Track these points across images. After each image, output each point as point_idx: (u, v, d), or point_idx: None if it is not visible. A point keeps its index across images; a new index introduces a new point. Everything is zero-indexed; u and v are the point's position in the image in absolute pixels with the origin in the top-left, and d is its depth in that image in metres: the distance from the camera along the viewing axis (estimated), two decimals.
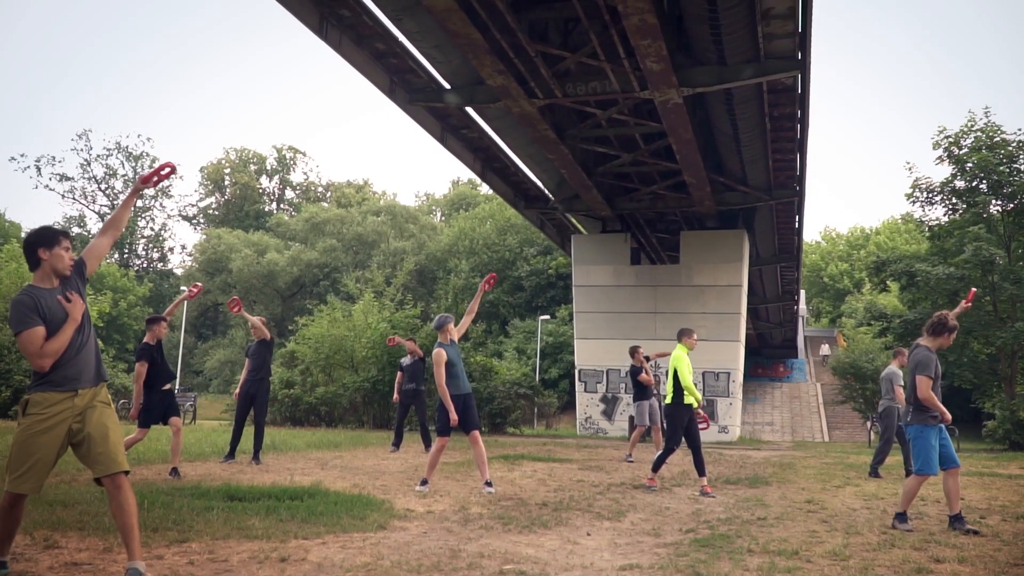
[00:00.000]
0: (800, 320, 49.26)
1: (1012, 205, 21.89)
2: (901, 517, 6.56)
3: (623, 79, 15.56)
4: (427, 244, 54.14)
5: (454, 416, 7.97)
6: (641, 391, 13.35)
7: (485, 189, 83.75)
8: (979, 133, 22.04)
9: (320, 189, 79.35)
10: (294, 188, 79.21)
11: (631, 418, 22.33)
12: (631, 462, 12.59)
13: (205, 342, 52.96)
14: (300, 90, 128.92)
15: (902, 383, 11.20)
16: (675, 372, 8.83)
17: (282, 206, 78.19)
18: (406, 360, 13.76)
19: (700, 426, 9.06)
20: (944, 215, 22.99)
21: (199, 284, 10.23)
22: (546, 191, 24.18)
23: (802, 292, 46.60)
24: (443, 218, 71.91)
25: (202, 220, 75.74)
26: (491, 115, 18.54)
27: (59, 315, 4.01)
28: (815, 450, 19.82)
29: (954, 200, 22.61)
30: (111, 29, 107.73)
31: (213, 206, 76.43)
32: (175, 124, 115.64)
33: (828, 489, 9.55)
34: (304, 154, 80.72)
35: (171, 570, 4.27)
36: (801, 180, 21.40)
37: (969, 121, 22.15)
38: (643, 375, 13.53)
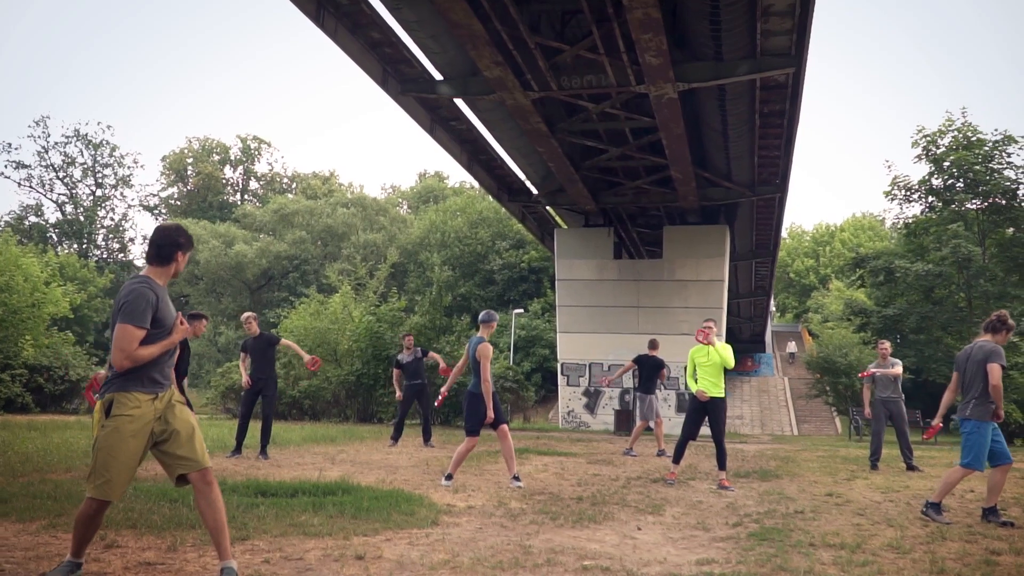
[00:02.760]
0: (769, 315, 49.89)
1: (987, 203, 22.36)
2: (936, 508, 6.63)
3: (620, 73, 15.54)
4: (398, 237, 53.75)
5: (491, 414, 7.97)
6: (650, 384, 13.34)
7: (452, 182, 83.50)
8: (956, 133, 22.46)
9: (285, 180, 78.34)
10: (259, 179, 78.06)
11: (616, 412, 22.47)
12: (634, 456, 12.61)
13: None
14: (265, 80, 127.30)
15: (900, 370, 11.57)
16: (695, 366, 8.91)
17: (246, 197, 77.06)
18: (404, 356, 13.60)
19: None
20: (921, 213, 23.40)
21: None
22: (530, 185, 24.13)
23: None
24: (409, 210, 71.52)
25: (164, 210, 74.34)
26: (482, 107, 18.41)
27: (168, 319, 3.88)
28: (799, 443, 20.07)
29: (931, 198, 23.02)
30: (71, 11, 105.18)
31: (175, 196, 75.04)
32: (136, 112, 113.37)
33: (839, 482, 9.64)
34: (269, 144, 79.35)
35: (253, 570, 4.14)
36: (785, 177, 21.62)
37: (947, 121, 22.59)
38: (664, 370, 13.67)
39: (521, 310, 41.79)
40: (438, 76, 16.89)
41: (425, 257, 50.18)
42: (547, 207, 26.15)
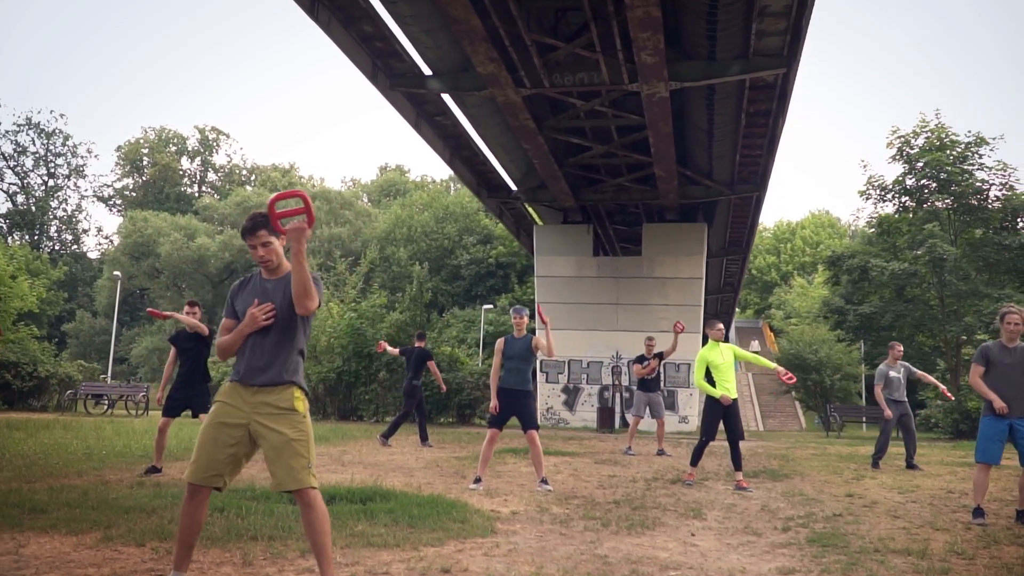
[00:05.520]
0: (734, 312, 50.47)
1: (958, 204, 22.86)
2: (976, 512, 6.70)
3: (614, 71, 15.53)
4: (363, 231, 53.21)
5: (495, 402, 7.96)
6: (644, 381, 13.33)
7: (414, 175, 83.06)
8: (929, 134, 22.92)
9: (244, 172, 77.11)
10: (217, 171, 76.72)
11: (599, 409, 22.50)
12: (632, 455, 12.62)
13: (130, 328, 50.87)
14: (224, 71, 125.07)
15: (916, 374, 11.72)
16: (707, 367, 8.85)
17: (204, 189, 75.67)
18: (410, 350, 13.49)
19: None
20: (896, 212, 23.85)
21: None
22: (509, 181, 24.03)
23: None
24: (370, 203, 70.88)
25: (119, 202, 72.67)
26: (470, 103, 18.26)
27: (245, 308, 3.81)
28: (782, 440, 20.33)
29: (905, 198, 23.47)
30: None
31: (131, 187, 73.41)
32: (89, 100, 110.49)
33: (850, 482, 9.74)
34: (228, 136, 78.22)
35: None
36: (765, 176, 21.82)
37: (921, 122, 23.05)
38: (637, 366, 13.43)
39: (491, 306, 41.70)
40: (427, 71, 16.72)
41: (392, 252, 49.78)
42: (525, 204, 26.09)
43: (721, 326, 9.34)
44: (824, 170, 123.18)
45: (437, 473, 9.21)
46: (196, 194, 72.78)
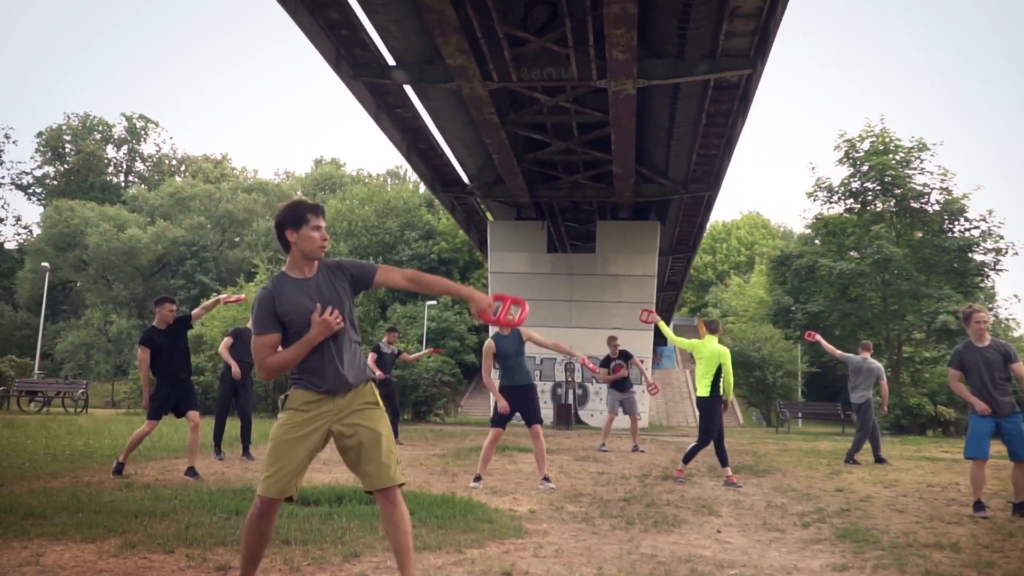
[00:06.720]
0: (674, 311, 51.17)
1: (901, 206, 23.59)
2: (977, 506, 6.83)
3: (584, 67, 15.50)
4: None
5: (503, 403, 7.82)
6: (619, 380, 13.32)
7: (350, 169, 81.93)
8: (874, 139, 23.59)
9: (174, 162, 74.84)
10: (145, 160, 74.26)
11: (557, 406, 22.47)
12: (605, 451, 12.59)
13: (55, 323, 48.76)
14: (152, 57, 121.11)
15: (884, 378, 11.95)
16: (719, 366, 8.79)
17: (131, 179, 73.15)
18: (384, 347, 13.20)
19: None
20: (842, 214, 24.51)
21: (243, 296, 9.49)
22: (464, 176, 23.82)
23: None
24: (306, 197, 69.58)
25: (39, 190, 69.64)
26: (432, 95, 18.01)
27: (303, 315, 3.40)
28: (735, 436, 20.59)
29: (850, 200, 24.12)
30: None
31: (52, 175, 70.42)
32: (6, 82, 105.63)
33: (830, 477, 9.87)
34: (156, 124, 75.58)
35: None
36: (719, 176, 22.09)
37: (867, 127, 23.74)
38: (603, 370, 13.29)
39: (434, 302, 41.36)
40: (391, 62, 16.41)
41: (331, 246, 48.96)
42: (478, 199, 25.92)
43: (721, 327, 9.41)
44: (757, 172, 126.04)
45: (426, 472, 9.02)
46: (123, 184, 70.29)
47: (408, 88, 17.80)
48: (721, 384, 8.82)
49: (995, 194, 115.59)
